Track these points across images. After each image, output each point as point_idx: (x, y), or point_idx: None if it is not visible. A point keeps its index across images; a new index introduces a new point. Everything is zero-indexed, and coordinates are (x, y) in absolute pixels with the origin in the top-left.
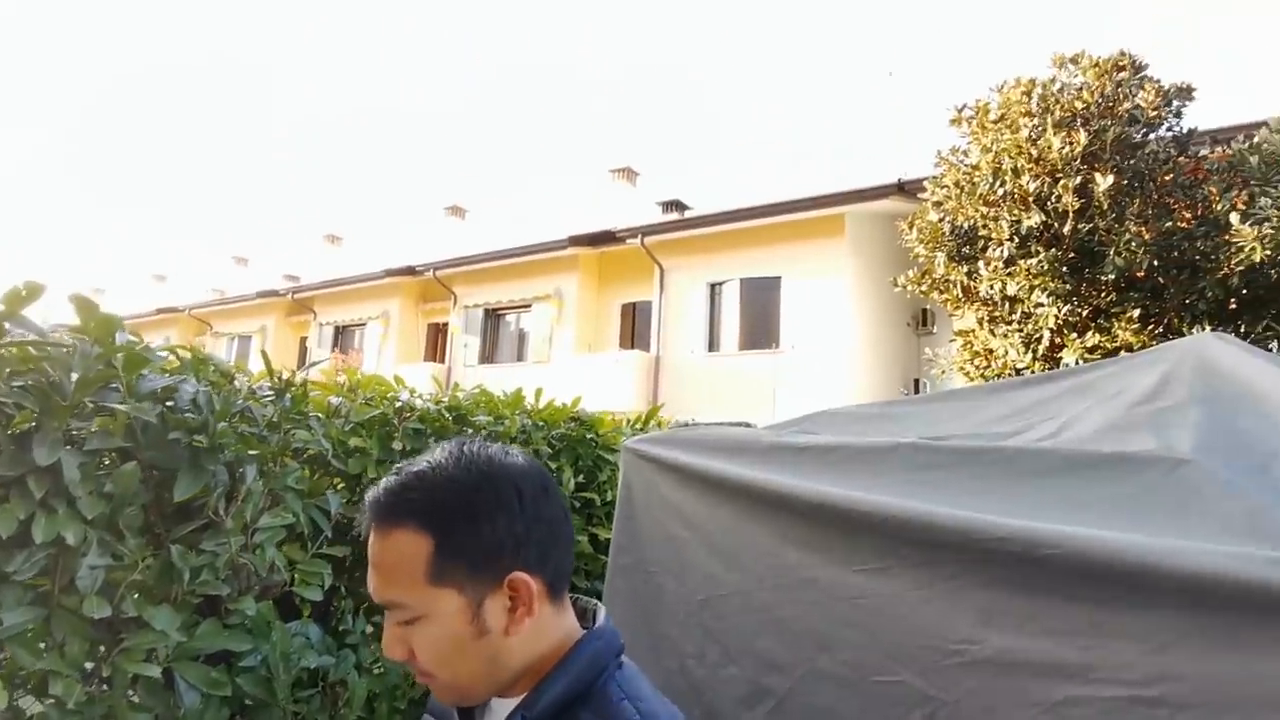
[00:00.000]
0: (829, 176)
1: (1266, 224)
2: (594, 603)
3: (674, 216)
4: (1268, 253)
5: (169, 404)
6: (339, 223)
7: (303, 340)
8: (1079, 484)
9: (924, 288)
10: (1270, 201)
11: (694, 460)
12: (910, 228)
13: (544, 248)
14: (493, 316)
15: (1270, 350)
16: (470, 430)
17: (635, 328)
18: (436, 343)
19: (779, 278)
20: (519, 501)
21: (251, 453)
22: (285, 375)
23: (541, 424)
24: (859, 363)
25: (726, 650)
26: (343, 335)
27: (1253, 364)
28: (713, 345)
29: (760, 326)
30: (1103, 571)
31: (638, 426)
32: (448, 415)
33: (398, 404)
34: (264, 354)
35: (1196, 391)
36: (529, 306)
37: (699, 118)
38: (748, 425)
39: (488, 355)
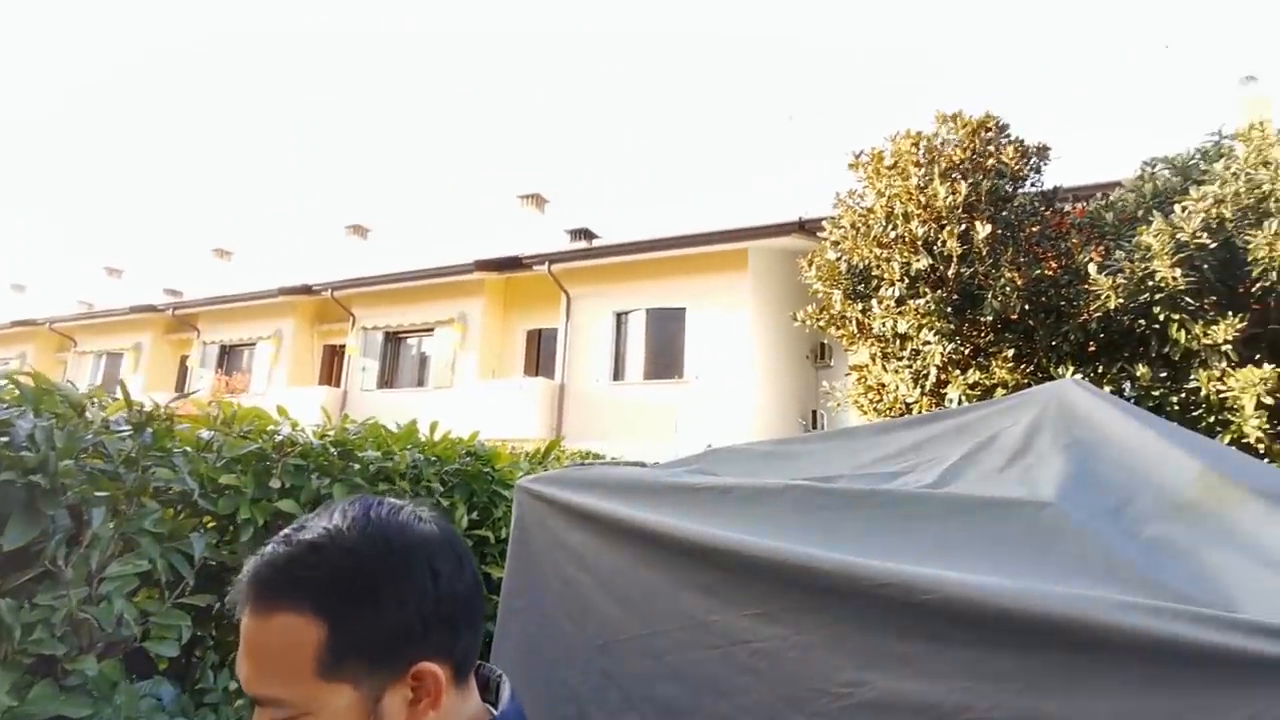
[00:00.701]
0: (734, 212)
1: (1120, 275)
2: (497, 673)
3: (582, 245)
4: (1121, 301)
5: (2, 439)
6: (229, 237)
7: (183, 360)
8: (956, 527)
9: (822, 323)
10: (1124, 255)
11: (589, 501)
12: (810, 265)
13: (449, 271)
14: (393, 340)
15: (1124, 389)
16: (357, 466)
17: (540, 355)
18: (332, 365)
19: (684, 309)
20: (432, 580)
21: (101, 493)
22: (150, 405)
23: (434, 459)
24: (760, 394)
25: (627, 696)
26: (229, 355)
27: (1105, 410)
28: (618, 374)
29: (665, 356)
30: (973, 615)
31: (536, 461)
32: (333, 450)
33: (277, 438)
34: (122, 384)
35: (1060, 437)
36: (431, 330)
37: (610, 148)
38: (643, 465)
39: (387, 379)
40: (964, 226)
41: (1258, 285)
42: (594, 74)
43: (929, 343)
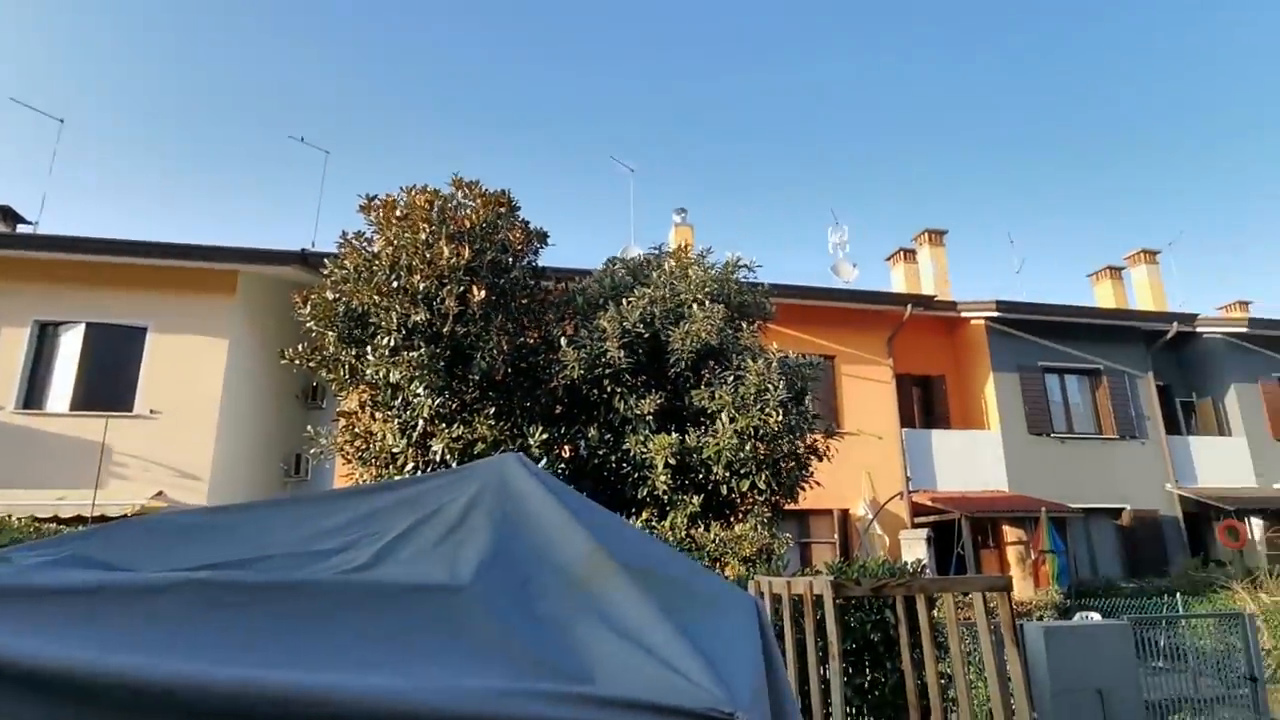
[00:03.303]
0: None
1: (583, 350)
2: None
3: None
4: (582, 372)
5: None
6: None
7: None
8: (374, 617)
9: (313, 363)
10: (588, 333)
11: None
12: (304, 302)
13: None
14: None
15: (580, 447)
16: None
17: None
18: None
19: (145, 328)
20: None
21: None
22: None
23: None
24: (236, 434)
25: None
26: None
27: (531, 486)
28: (33, 401)
29: (110, 383)
30: None
31: None
32: None
33: None
34: None
35: (493, 513)
36: None
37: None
38: None
39: None
40: (463, 288)
41: (672, 369)
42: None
43: (419, 394)
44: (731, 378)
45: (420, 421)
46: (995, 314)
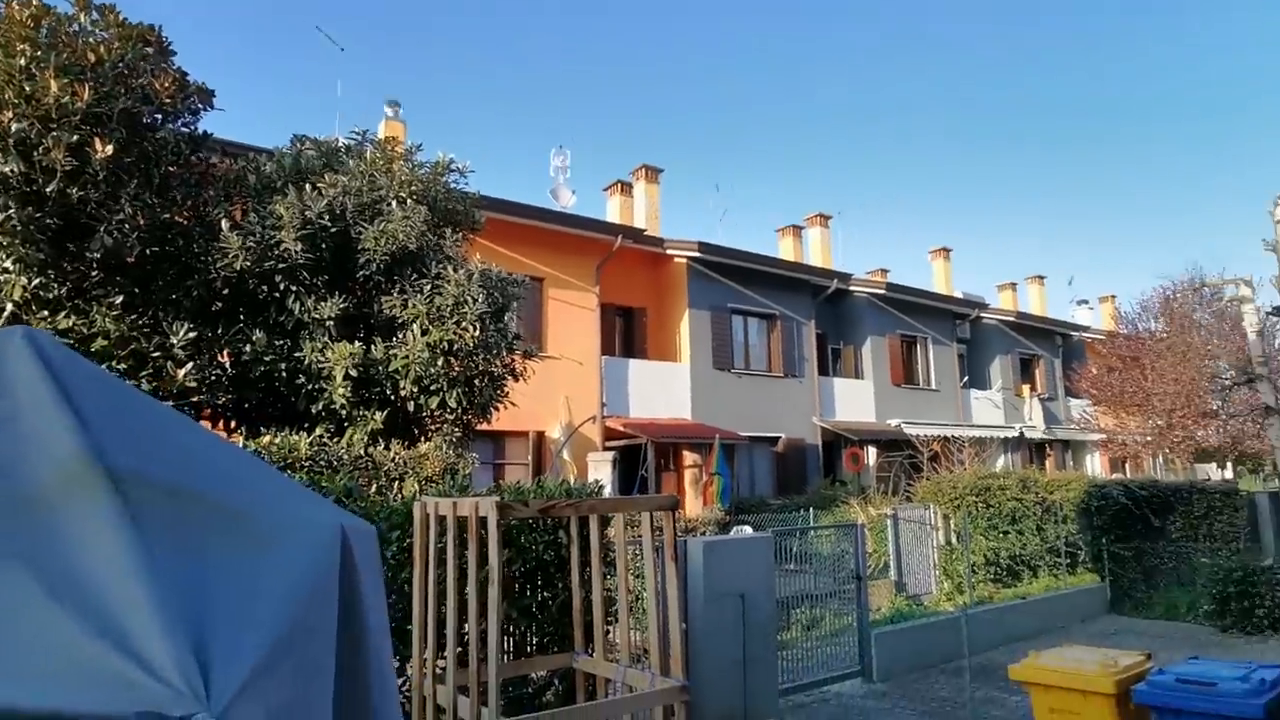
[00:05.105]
0: None
1: (251, 238)
2: None
3: None
4: (249, 264)
5: None
6: None
7: None
8: None
9: None
10: (258, 219)
11: None
12: None
13: None
14: None
15: (243, 352)
16: None
17: None
18: None
19: None
20: None
21: None
22: None
23: None
24: None
25: None
26: None
27: (30, 370)
28: None
29: None
30: None
31: None
32: None
33: None
34: None
35: None
36: None
37: None
38: None
39: None
40: (80, 139)
41: (361, 272)
42: None
43: (8, 270)
44: (429, 287)
45: (8, 305)
46: (697, 254)
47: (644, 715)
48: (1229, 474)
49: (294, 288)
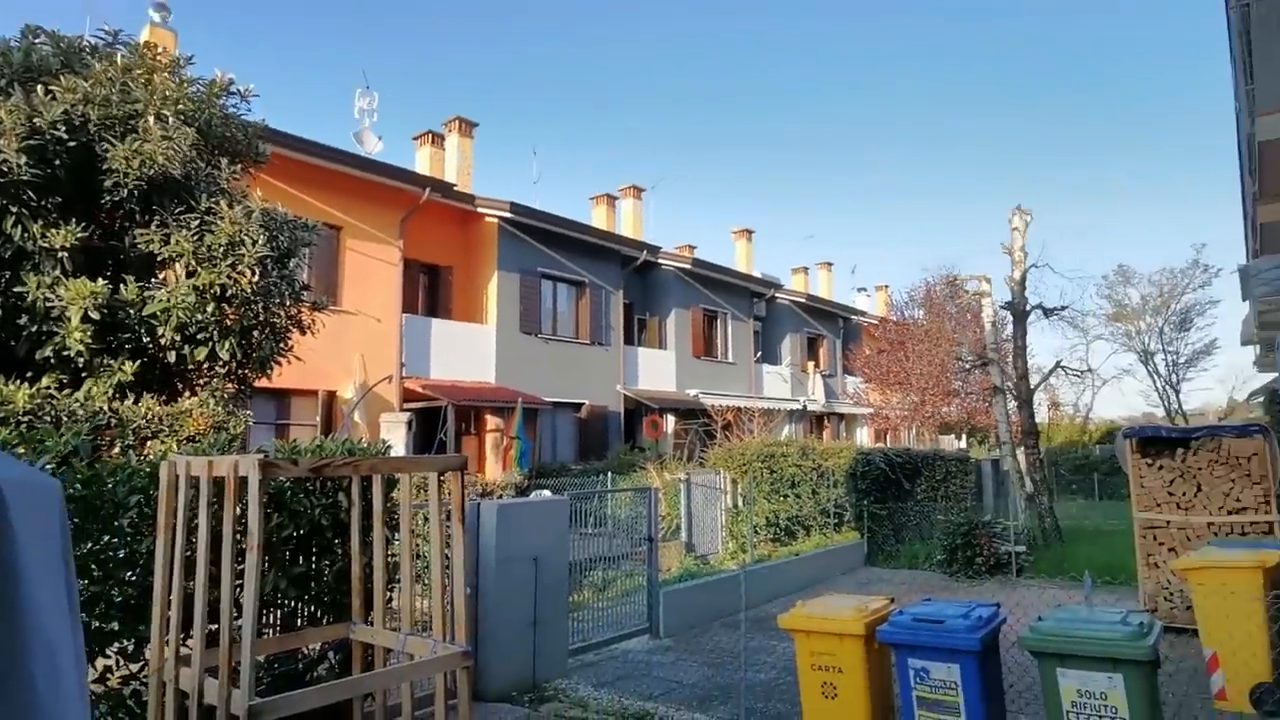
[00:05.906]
0: None
1: None
2: None
3: None
4: None
5: None
6: None
7: None
8: None
9: None
10: None
11: None
12: None
13: None
14: None
15: None
16: None
17: None
18: None
19: None
20: None
21: None
22: None
23: None
24: None
25: None
26: None
27: None
28: None
29: None
30: None
31: None
32: None
33: None
34: None
35: None
36: None
37: None
38: None
39: None
40: None
41: (109, 197)
42: None
43: None
44: (197, 222)
45: None
46: (509, 215)
47: (426, 684)
48: (964, 444)
49: (14, 209)
